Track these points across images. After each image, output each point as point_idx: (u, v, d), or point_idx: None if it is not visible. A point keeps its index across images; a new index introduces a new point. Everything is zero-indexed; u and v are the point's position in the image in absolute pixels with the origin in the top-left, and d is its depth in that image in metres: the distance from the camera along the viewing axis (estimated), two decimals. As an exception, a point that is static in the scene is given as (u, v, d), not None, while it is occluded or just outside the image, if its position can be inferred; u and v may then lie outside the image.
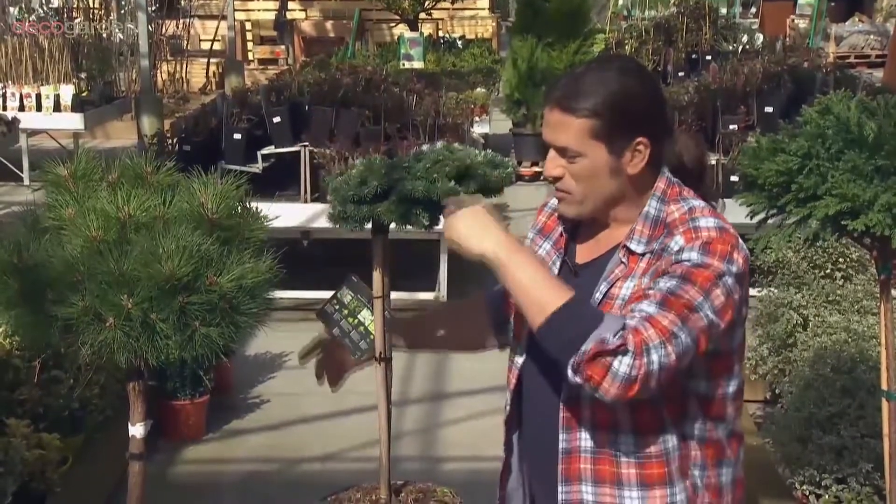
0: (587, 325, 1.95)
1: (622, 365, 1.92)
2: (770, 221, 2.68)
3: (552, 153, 2.16)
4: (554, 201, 2.33)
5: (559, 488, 2.18)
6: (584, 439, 2.16)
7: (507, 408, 2.34)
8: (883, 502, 3.28)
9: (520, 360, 2.30)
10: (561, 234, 2.29)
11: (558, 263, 2.26)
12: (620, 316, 2.00)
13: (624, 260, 2.15)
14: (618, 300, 2.10)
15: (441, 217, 2.23)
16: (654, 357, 1.94)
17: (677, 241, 2.08)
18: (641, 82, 2.17)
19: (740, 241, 2.11)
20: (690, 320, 2.00)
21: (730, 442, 2.22)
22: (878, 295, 2.74)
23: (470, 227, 2.10)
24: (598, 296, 2.13)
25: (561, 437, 2.17)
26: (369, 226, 2.43)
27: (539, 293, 2.02)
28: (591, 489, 2.16)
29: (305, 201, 7.52)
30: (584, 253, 2.25)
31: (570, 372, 1.96)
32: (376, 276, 2.48)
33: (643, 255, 2.13)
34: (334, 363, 2.83)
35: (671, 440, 2.14)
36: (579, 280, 2.19)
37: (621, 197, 2.18)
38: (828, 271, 5.85)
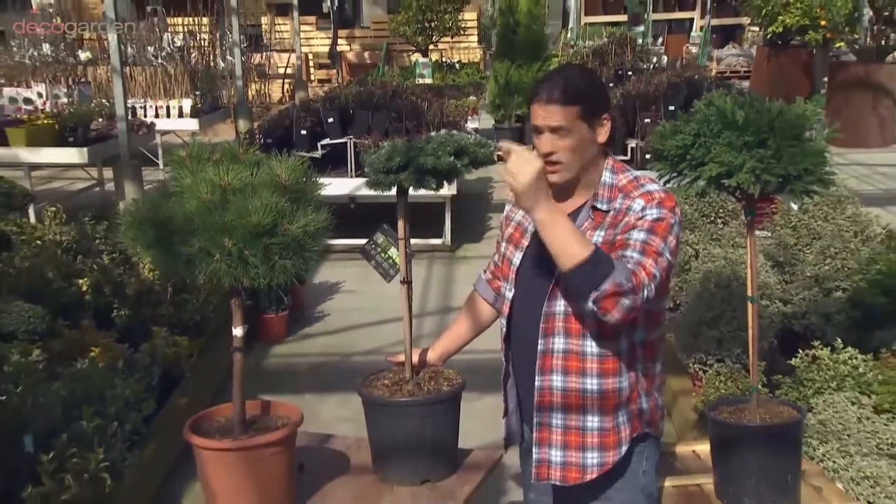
0: (606, 271, 1.90)
1: (627, 300, 1.91)
2: (671, 183, 2.66)
3: (547, 134, 2.06)
4: None
5: (535, 377, 2.12)
6: (557, 343, 2.09)
7: (503, 329, 2.26)
8: (747, 374, 3.29)
9: (510, 294, 2.23)
10: None
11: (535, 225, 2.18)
12: (623, 264, 1.93)
13: (591, 216, 2.09)
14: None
15: (497, 158, 2.04)
16: (645, 292, 1.95)
17: (639, 203, 2.04)
18: (594, 77, 2.16)
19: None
20: (660, 262, 1.98)
21: (659, 343, 2.18)
22: (746, 233, 2.72)
23: (526, 188, 1.92)
24: None
25: (539, 342, 2.11)
26: (394, 190, 2.40)
27: (572, 247, 1.92)
28: (560, 378, 2.11)
29: (351, 176, 7.48)
30: None
31: (589, 303, 1.91)
32: (400, 224, 2.46)
33: (607, 212, 2.08)
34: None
35: (624, 343, 2.09)
36: None
37: (592, 161, 2.11)
38: (712, 218, 5.84)
